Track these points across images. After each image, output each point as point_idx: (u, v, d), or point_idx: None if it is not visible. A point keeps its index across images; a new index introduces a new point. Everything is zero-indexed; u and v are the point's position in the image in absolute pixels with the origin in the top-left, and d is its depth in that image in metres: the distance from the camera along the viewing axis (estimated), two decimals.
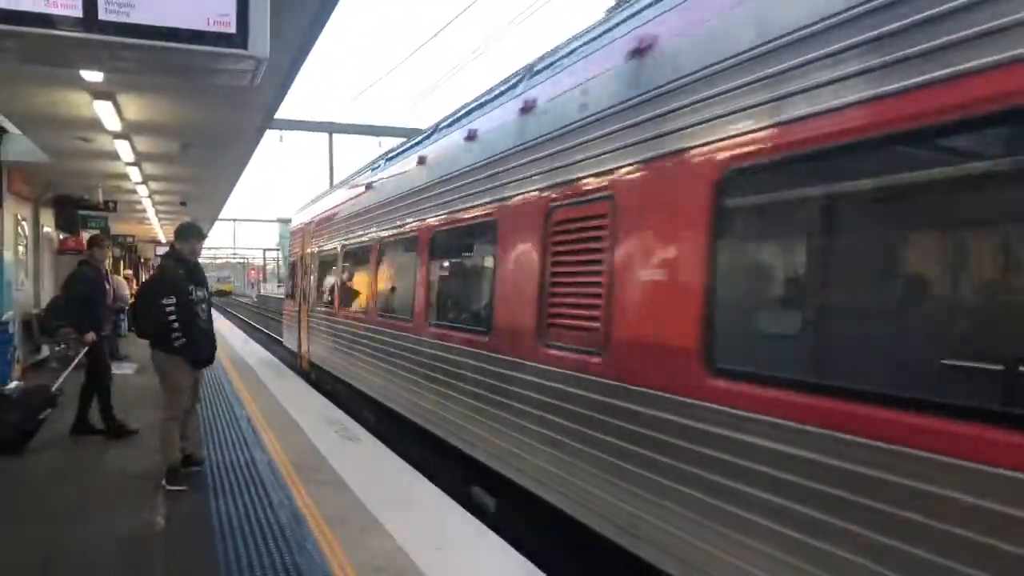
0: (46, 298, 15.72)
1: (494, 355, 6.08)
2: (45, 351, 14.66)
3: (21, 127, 10.92)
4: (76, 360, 8.10)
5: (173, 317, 6.31)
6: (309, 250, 14.77)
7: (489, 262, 6.53)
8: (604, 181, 4.72)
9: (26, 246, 15.16)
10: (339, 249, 12.00)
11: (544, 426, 5.18)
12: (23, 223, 14.79)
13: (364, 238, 10.51)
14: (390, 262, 9.58)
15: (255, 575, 4.55)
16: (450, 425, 7.03)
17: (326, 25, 6.73)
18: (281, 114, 18.25)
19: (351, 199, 11.82)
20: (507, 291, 6.00)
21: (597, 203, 4.76)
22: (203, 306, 6.69)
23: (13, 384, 10.15)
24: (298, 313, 15.48)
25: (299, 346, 15.34)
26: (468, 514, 5.81)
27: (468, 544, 5.16)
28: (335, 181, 22.29)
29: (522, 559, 4.89)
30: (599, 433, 4.56)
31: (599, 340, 4.62)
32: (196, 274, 6.77)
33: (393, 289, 9.54)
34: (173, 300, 6.34)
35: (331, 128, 27.46)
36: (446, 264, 7.93)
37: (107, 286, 8.81)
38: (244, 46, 4.19)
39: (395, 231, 9.08)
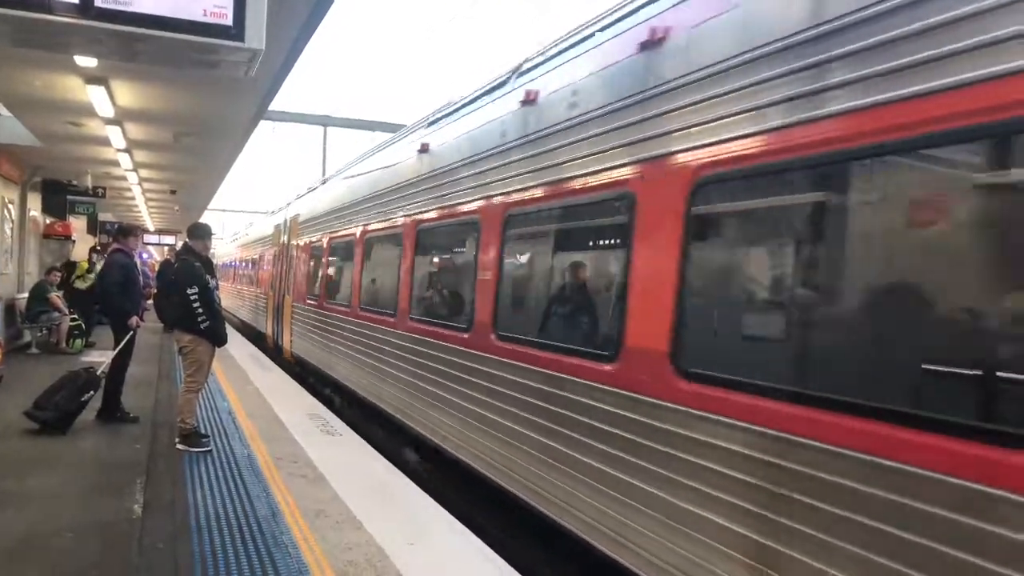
0: (30, 282, 15.63)
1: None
2: (27, 336, 14.55)
3: (11, 109, 10.87)
4: (122, 344, 8.32)
5: (197, 303, 7.27)
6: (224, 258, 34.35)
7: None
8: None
9: (12, 229, 15.06)
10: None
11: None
12: (9, 206, 14.71)
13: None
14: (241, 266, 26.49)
15: (230, 567, 4.55)
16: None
17: (324, 17, 6.75)
18: (276, 105, 18.25)
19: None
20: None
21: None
22: (217, 294, 7.68)
23: None
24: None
25: None
26: (442, 509, 5.85)
27: (441, 539, 5.20)
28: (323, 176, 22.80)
29: (493, 554, 4.93)
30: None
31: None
32: (209, 267, 7.77)
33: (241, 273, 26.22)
34: (196, 289, 7.30)
35: (325, 122, 27.44)
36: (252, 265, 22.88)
37: (138, 273, 9.07)
38: (240, 38, 4.21)
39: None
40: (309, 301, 12.97)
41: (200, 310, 7.28)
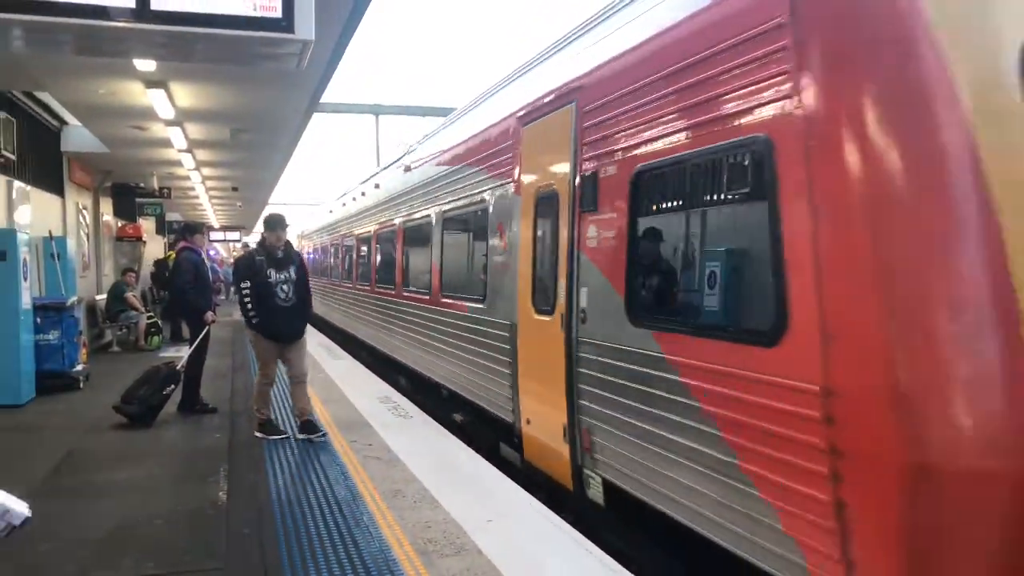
0: (107, 283, 16.26)
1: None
2: (108, 335, 15.16)
3: (79, 118, 11.27)
4: (199, 339, 8.66)
5: (248, 299, 7.23)
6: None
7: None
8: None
9: (87, 234, 15.65)
10: None
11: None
12: (84, 211, 15.27)
13: None
14: None
15: (314, 547, 4.68)
16: None
17: (370, 4, 6.76)
18: (329, 97, 18.53)
19: None
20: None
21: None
22: (284, 287, 7.32)
23: (80, 367, 10.58)
24: None
25: None
26: (519, 487, 5.88)
27: (518, 516, 5.23)
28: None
29: (572, 530, 4.93)
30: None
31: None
32: (278, 259, 7.37)
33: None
34: (248, 284, 7.26)
35: (377, 110, 27.65)
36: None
37: (207, 269, 9.38)
38: (290, 29, 4.24)
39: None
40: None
41: (249, 304, 7.21)
